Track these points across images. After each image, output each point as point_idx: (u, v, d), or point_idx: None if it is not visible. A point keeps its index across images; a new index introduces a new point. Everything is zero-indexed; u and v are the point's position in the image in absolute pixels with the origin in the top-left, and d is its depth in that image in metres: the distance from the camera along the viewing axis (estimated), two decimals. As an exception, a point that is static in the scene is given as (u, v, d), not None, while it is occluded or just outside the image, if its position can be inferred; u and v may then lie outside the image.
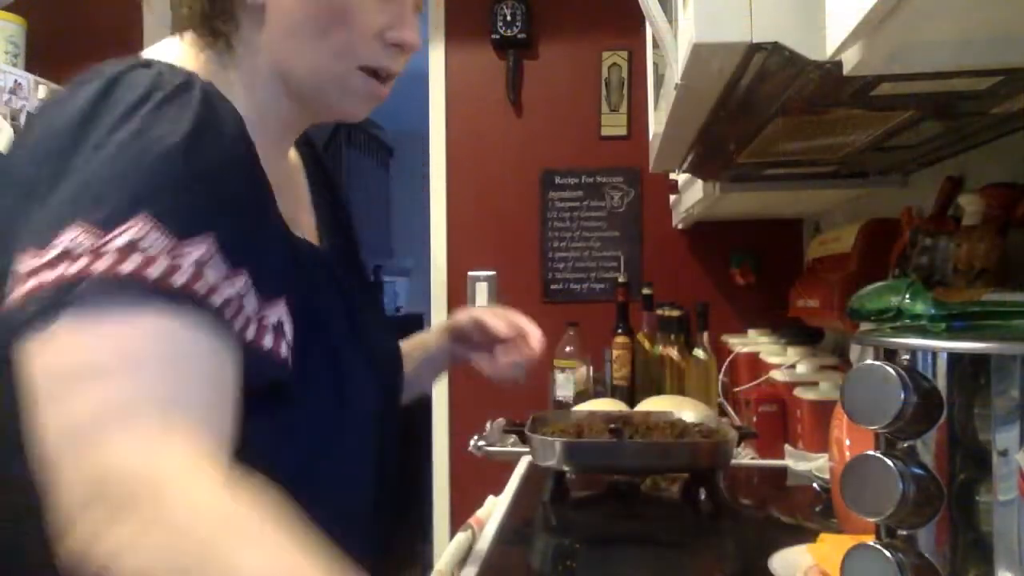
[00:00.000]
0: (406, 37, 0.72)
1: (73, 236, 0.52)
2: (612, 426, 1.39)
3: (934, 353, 0.55)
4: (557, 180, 2.72)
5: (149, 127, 0.58)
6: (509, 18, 2.68)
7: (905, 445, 0.56)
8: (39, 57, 2.83)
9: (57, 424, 0.49)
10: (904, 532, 0.55)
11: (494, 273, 2.73)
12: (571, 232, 2.71)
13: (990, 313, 0.63)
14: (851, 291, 0.69)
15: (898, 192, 1.62)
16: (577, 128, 2.72)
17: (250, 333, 0.59)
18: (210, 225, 0.56)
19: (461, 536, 1.25)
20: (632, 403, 1.92)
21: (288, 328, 0.62)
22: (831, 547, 0.90)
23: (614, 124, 2.70)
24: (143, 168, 0.56)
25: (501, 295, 2.72)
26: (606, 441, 1.37)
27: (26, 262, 0.53)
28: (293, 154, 0.83)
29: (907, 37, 0.64)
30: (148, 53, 0.73)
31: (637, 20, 1.41)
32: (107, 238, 0.52)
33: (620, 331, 2.21)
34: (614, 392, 2.16)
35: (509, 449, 1.75)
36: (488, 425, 2.06)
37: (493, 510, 1.33)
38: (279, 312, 0.62)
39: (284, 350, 0.62)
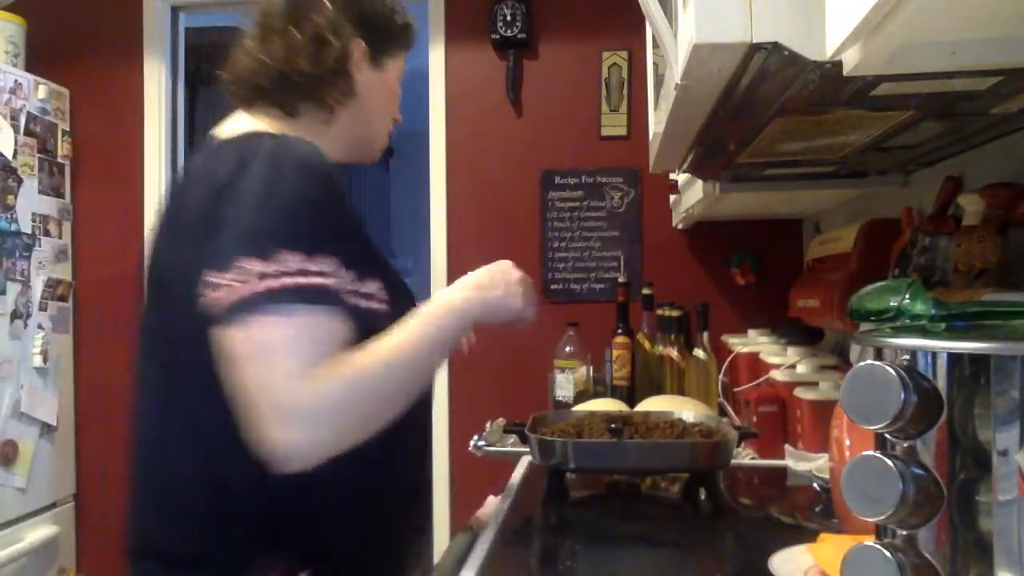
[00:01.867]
0: (399, 115, 1.18)
1: (246, 264, 0.84)
2: (612, 426, 1.39)
3: (934, 353, 0.55)
4: (557, 180, 2.72)
5: (278, 185, 0.88)
6: (509, 18, 2.68)
7: (905, 445, 0.56)
8: (39, 57, 2.83)
9: (263, 372, 0.83)
10: (904, 532, 0.55)
11: (494, 273, 2.72)
12: (571, 232, 2.71)
13: (990, 313, 0.63)
14: (851, 291, 0.69)
15: (898, 192, 1.62)
16: (577, 128, 2.72)
17: (361, 303, 0.93)
18: (326, 248, 0.88)
19: (461, 536, 1.25)
20: (632, 403, 1.92)
21: (381, 294, 0.96)
22: (831, 547, 0.90)
23: (614, 124, 2.71)
24: (281, 217, 0.87)
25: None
26: (606, 441, 1.37)
27: (212, 279, 0.84)
28: None
29: (907, 37, 0.64)
30: (241, 125, 1.04)
31: (637, 20, 1.41)
32: (267, 266, 0.84)
33: (620, 331, 2.20)
34: (614, 392, 2.16)
35: (509, 449, 1.75)
36: (488, 425, 2.06)
37: (493, 510, 1.33)
38: (373, 287, 0.96)
39: (378, 306, 0.96)
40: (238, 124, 1.04)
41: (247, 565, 0.93)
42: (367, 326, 0.91)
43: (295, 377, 0.82)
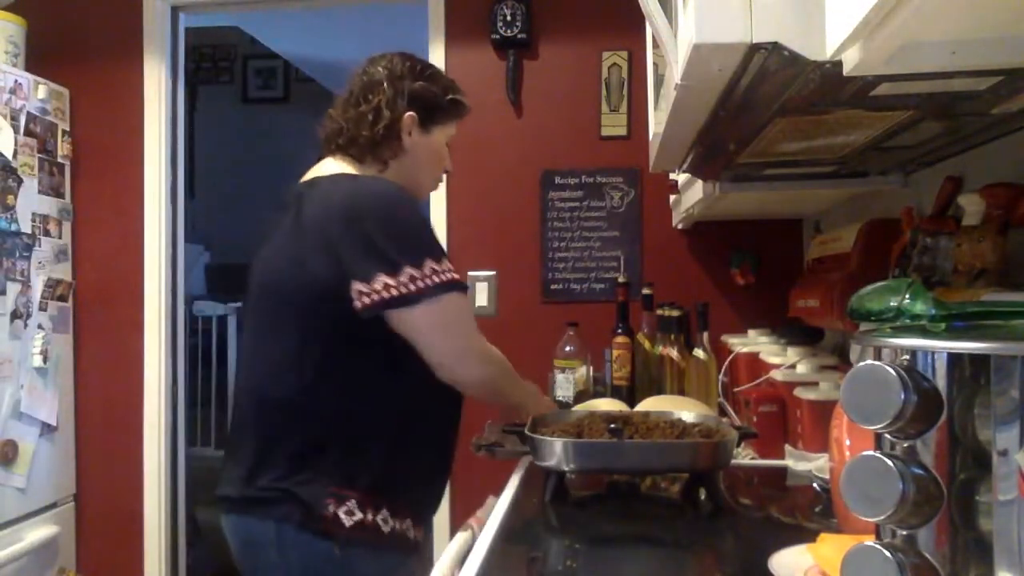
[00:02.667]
0: (450, 167, 1.58)
1: (415, 268, 1.29)
2: (612, 426, 1.39)
3: (934, 353, 0.55)
4: (557, 180, 2.72)
5: (401, 214, 1.34)
6: (509, 18, 2.68)
7: (905, 445, 0.56)
8: (39, 57, 2.83)
9: (462, 341, 1.36)
10: (904, 532, 0.55)
11: (494, 273, 2.73)
12: (571, 232, 2.71)
13: (990, 313, 0.63)
14: (851, 291, 0.69)
15: (898, 192, 1.62)
16: (577, 128, 2.72)
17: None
18: (442, 252, 1.35)
19: (461, 536, 1.25)
20: (632, 403, 1.92)
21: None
22: (831, 547, 0.90)
23: (614, 124, 2.71)
24: (416, 235, 1.34)
25: (501, 295, 2.72)
26: (606, 441, 1.37)
27: (385, 280, 1.27)
28: None
29: (907, 37, 0.64)
30: (330, 168, 1.46)
31: (637, 20, 1.41)
32: (428, 267, 1.30)
33: (620, 331, 2.20)
34: (614, 392, 2.15)
35: (509, 449, 1.75)
36: (488, 425, 2.06)
37: (493, 510, 1.33)
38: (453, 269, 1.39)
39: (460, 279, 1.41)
40: (327, 167, 1.46)
41: (323, 488, 1.28)
42: None
43: (477, 336, 1.39)
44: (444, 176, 1.58)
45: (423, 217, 1.37)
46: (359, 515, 1.27)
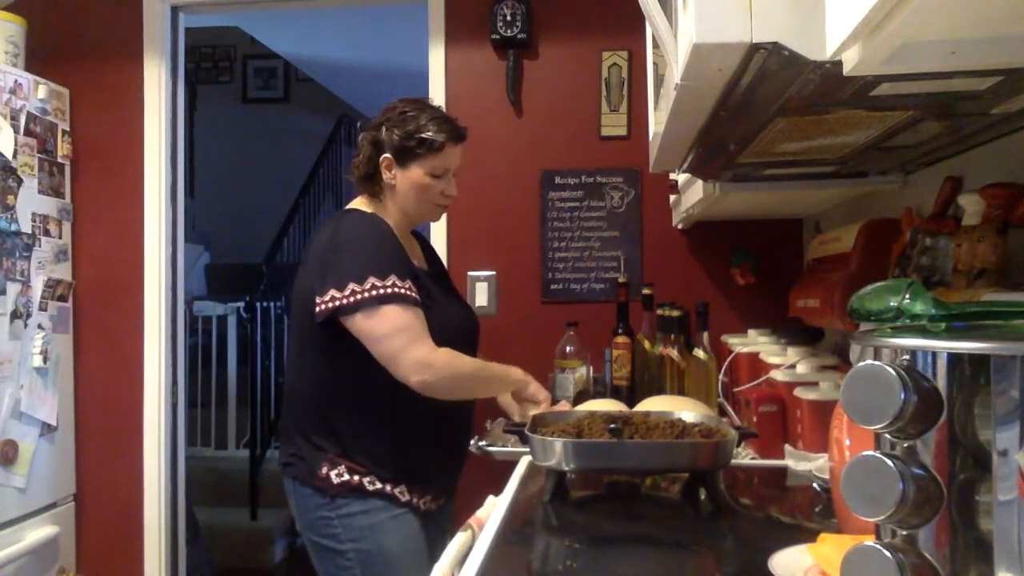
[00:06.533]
0: (451, 192, 1.81)
1: (357, 283, 1.59)
2: (612, 426, 1.39)
3: (934, 353, 0.55)
4: (557, 180, 2.72)
5: (361, 239, 1.65)
6: (509, 18, 2.68)
7: (905, 445, 0.56)
8: (39, 57, 2.83)
9: (393, 348, 1.59)
10: (904, 532, 0.55)
11: (494, 273, 2.73)
12: (571, 232, 2.71)
13: (990, 313, 0.63)
14: (851, 291, 0.69)
15: (898, 192, 1.62)
16: (577, 128, 2.72)
17: (418, 297, 1.63)
18: (391, 270, 1.61)
19: (461, 536, 1.25)
20: (632, 403, 1.92)
21: (413, 288, 1.63)
22: (831, 547, 0.90)
23: (614, 124, 2.71)
24: (366, 256, 1.63)
25: (501, 295, 2.72)
26: (606, 441, 1.37)
27: (333, 293, 1.60)
28: (409, 237, 1.87)
29: (907, 37, 0.64)
30: (353, 204, 1.81)
31: (637, 20, 1.41)
32: (369, 283, 1.59)
33: (620, 331, 2.21)
34: (614, 392, 2.16)
35: (509, 449, 1.75)
36: (488, 425, 2.06)
37: (493, 510, 1.33)
38: (407, 284, 1.62)
39: (416, 295, 1.64)
40: (352, 203, 1.82)
41: (322, 454, 1.67)
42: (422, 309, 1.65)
43: (415, 346, 1.58)
44: (445, 200, 1.80)
45: (382, 242, 1.66)
46: (346, 477, 1.65)
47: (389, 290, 1.58)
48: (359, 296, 1.57)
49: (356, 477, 1.65)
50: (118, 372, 2.87)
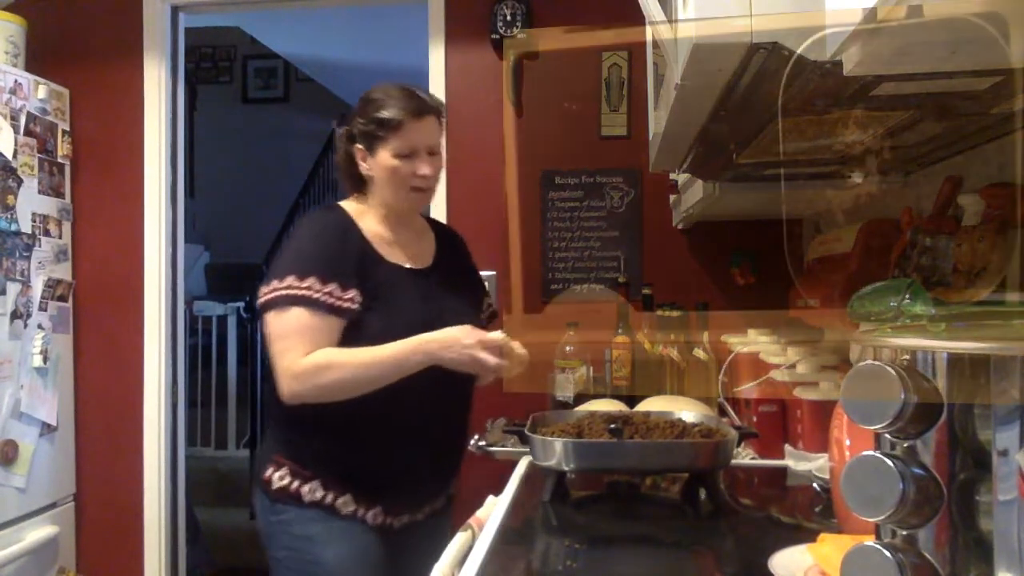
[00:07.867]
0: (423, 172, 1.60)
1: (278, 280, 1.51)
2: (612, 426, 1.39)
3: (934, 353, 0.55)
4: (557, 180, 2.72)
5: (302, 237, 1.61)
6: (509, 18, 2.68)
7: (905, 445, 0.56)
8: (39, 57, 2.83)
9: (272, 354, 1.51)
10: (904, 532, 0.55)
11: (494, 273, 2.72)
12: (571, 232, 2.71)
13: (990, 313, 0.63)
14: (851, 291, 0.69)
15: (898, 192, 1.62)
16: (577, 128, 2.72)
17: (342, 303, 1.51)
18: (315, 271, 1.51)
19: (461, 536, 1.25)
20: (632, 403, 1.92)
21: (357, 299, 1.52)
22: (831, 547, 0.90)
23: (614, 124, 2.70)
24: (296, 254, 1.56)
25: (501, 295, 2.72)
26: (606, 441, 1.37)
27: (263, 288, 1.53)
28: (423, 226, 1.78)
29: (907, 37, 0.64)
30: (341, 202, 1.72)
31: (637, 20, 1.41)
32: (287, 282, 1.51)
33: (620, 331, 2.20)
34: (614, 392, 2.16)
35: (509, 449, 1.75)
36: (488, 425, 2.06)
37: (493, 510, 1.33)
38: (351, 293, 1.52)
39: (351, 306, 1.52)
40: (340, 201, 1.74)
41: (271, 454, 1.62)
42: (347, 316, 1.51)
43: (290, 351, 1.48)
44: (420, 181, 1.61)
45: (322, 242, 1.58)
46: (287, 480, 1.57)
47: (302, 292, 1.48)
48: (275, 294, 1.50)
49: (296, 483, 1.56)
50: (118, 372, 2.87)
